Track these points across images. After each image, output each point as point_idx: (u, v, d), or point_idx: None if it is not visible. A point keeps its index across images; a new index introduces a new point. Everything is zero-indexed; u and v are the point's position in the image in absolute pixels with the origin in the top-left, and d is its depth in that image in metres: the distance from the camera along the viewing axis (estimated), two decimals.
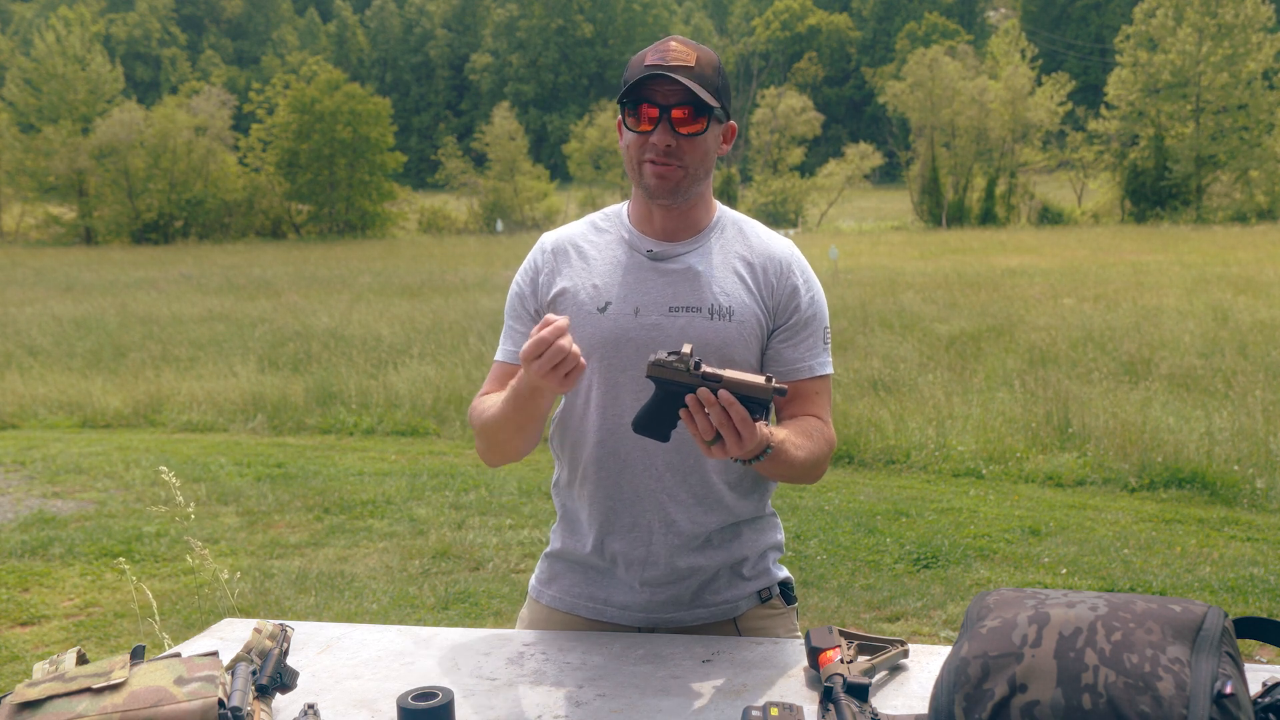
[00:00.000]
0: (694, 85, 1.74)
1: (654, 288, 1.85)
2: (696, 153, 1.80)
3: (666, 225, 1.89)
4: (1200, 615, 1.28)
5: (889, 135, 56.18)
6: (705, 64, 1.77)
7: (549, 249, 1.94)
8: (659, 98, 1.76)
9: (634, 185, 1.87)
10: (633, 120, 1.79)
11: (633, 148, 1.81)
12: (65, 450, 8.08)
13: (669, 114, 1.76)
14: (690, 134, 1.77)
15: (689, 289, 1.85)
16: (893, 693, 1.63)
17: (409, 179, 56.12)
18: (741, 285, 1.86)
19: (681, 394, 1.54)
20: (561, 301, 1.88)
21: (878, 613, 4.61)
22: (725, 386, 1.52)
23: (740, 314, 1.84)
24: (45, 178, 42.17)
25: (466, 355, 10.30)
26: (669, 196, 1.82)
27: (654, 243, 1.89)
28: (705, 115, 1.78)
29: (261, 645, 1.56)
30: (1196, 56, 42.33)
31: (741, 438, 1.54)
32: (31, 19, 68.17)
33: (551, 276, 1.91)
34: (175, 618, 4.68)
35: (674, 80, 1.74)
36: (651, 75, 1.74)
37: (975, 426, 7.49)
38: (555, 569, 2.00)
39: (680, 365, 1.53)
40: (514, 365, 1.91)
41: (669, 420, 1.58)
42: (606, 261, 1.89)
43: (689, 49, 1.77)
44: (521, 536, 5.77)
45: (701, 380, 1.52)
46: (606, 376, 1.84)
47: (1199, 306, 13.20)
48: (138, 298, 18.19)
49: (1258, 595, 4.61)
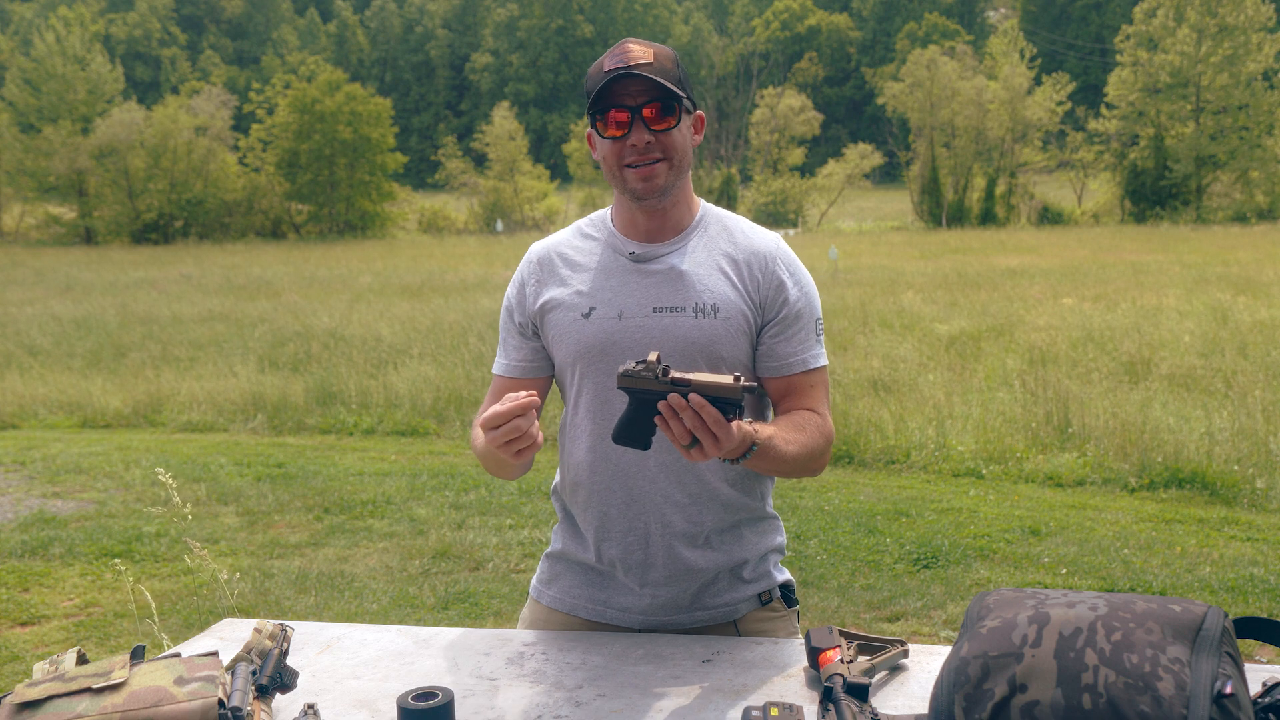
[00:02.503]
0: (659, 79, 1.75)
1: (637, 290, 1.86)
2: (675, 146, 1.80)
3: (650, 227, 1.89)
4: (1200, 615, 1.28)
5: (889, 135, 56.16)
6: (663, 58, 1.78)
7: (534, 260, 1.96)
8: (627, 100, 1.76)
9: (617, 192, 1.87)
10: (604, 127, 1.79)
11: (610, 155, 1.81)
12: (65, 450, 8.08)
13: (640, 113, 1.76)
14: (664, 129, 1.78)
15: (672, 289, 1.85)
16: (893, 693, 1.63)
17: (409, 179, 56.12)
18: (726, 282, 1.86)
19: (654, 401, 1.55)
20: (548, 310, 1.89)
21: (878, 613, 4.61)
22: (695, 390, 1.53)
23: (726, 311, 1.84)
24: (45, 178, 42.19)
25: (466, 355, 10.30)
26: (657, 196, 1.83)
27: (637, 245, 1.89)
28: (675, 108, 1.78)
29: (261, 645, 1.56)
30: (1196, 57, 42.34)
31: (718, 439, 1.54)
32: (31, 19, 68.14)
33: (538, 287, 1.92)
34: (175, 618, 4.68)
35: (638, 79, 1.75)
36: (615, 79, 1.75)
37: (975, 426, 7.49)
38: (556, 569, 2.00)
39: (648, 374, 1.54)
40: (507, 379, 1.96)
41: (646, 429, 1.59)
42: (591, 267, 1.90)
43: (646, 47, 1.78)
44: (521, 536, 5.77)
45: (670, 386, 1.53)
46: (596, 381, 1.85)
47: (1199, 306, 13.19)
48: (138, 298, 18.19)
49: (1258, 595, 4.61)
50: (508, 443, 1.59)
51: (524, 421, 1.58)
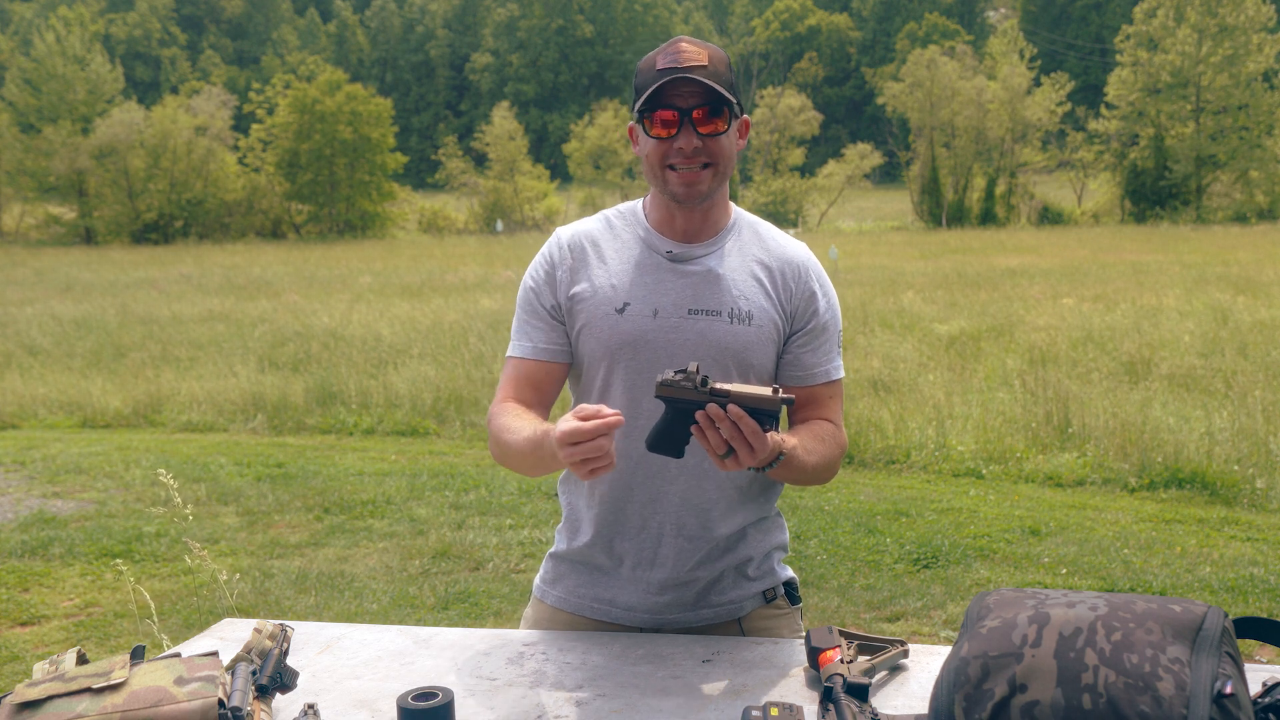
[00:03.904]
0: (712, 84, 1.72)
1: (673, 289, 1.84)
2: (721, 152, 1.78)
3: (688, 227, 1.87)
4: (1200, 615, 1.28)
5: (889, 135, 56.16)
6: (717, 61, 1.76)
7: (565, 244, 1.91)
8: (677, 101, 1.74)
9: (657, 191, 1.85)
10: (651, 125, 1.76)
11: (654, 154, 1.78)
12: (65, 450, 8.08)
13: (689, 116, 1.74)
14: (712, 134, 1.76)
15: (709, 292, 1.83)
16: (893, 693, 1.63)
17: (409, 179, 56.09)
18: (760, 289, 1.85)
19: (691, 411, 1.54)
20: (579, 300, 1.86)
21: (878, 613, 4.61)
22: (734, 401, 1.53)
23: (759, 318, 1.83)
24: (45, 178, 42.15)
25: (466, 355, 10.29)
26: (699, 201, 1.81)
27: (673, 243, 1.87)
28: (725, 112, 1.76)
29: (261, 645, 1.56)
30: (1197, 57, 42.33)
31: (754, 449, 1.55)
32: (31, 19, 68.12)
33: (570, 274, 1.88)
34: (175, 618, 4.68)
35: (690, 81, 1.72)
36: (669, 79, 1.72)
37: (975, 426, 7.49)
38: (560, 569, 1.99)
39: (688, 384, 1.54)
40: (529, 361, 1.88)
41: (682, 437, 1.59)
42: (624, 261, 1.87)
43: (700, 48, 1.76)
44: (521, 536, 5.77)
45: (710, 396, 1.53)
46: (625, 379, 1.83)
47: (1199, 306, 13.19)
48: (138, 298, 18.19)
49: (1258, 595, 4.61)
50: (584, 461, 1.54)
51: (607, 441, 1.53)
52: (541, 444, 1.67)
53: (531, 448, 1.71)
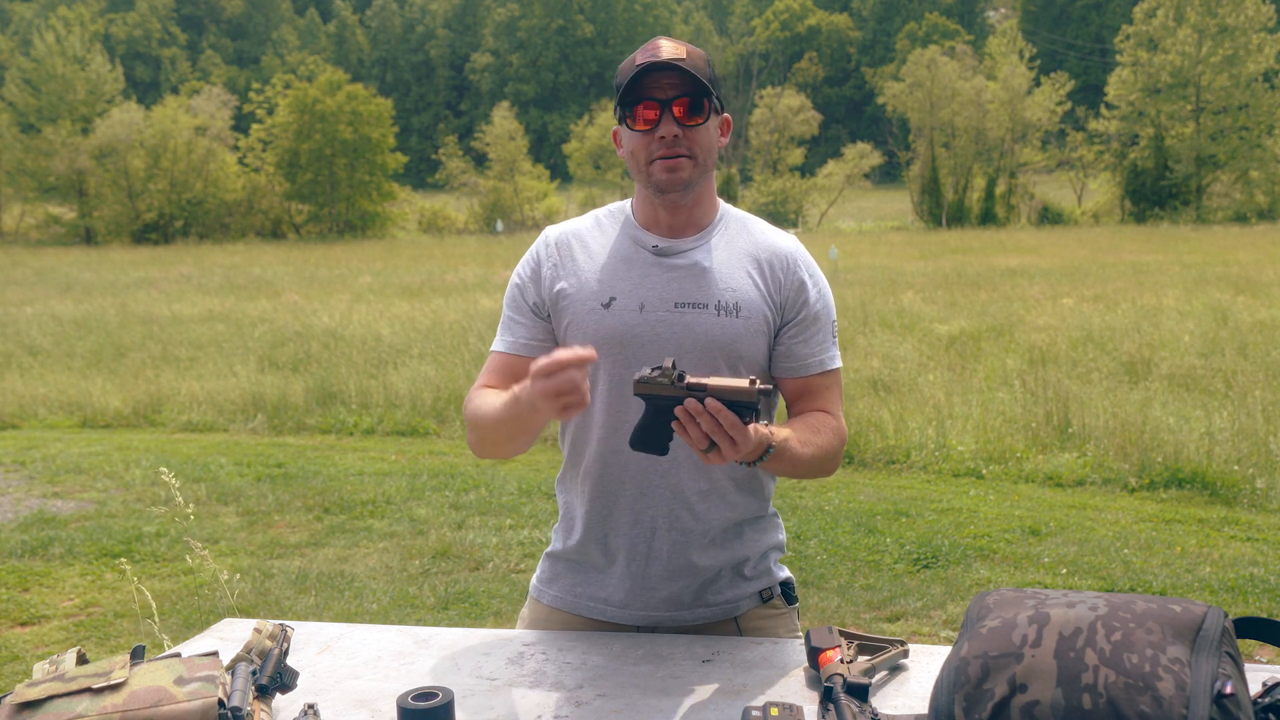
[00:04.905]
0: (691, 73, 1.74)
1: (659, 284, 1.84)
2: (701, 142, 1.79)
3: (674, 222, 1.87)
4: (1200, 615, 1.28)
5: (889, 135, 56.17)
6: (695, 57, 1.78)
7: (552, 242, 1.92)
8: (657, 93, 1.76)
9: (641, 187, 1.86)
10: (633, 121, 1.79)
11: (638, 149, 1.80)
12: (65, 450, 8.08)
13: (669, 107, 1.76)
14: (693, 125, 1.77)
15: (695, 285, 1.84)
16: (893, 693, 1.63)
17: (409, 179, 56.11)
18: (749, 281, 1.86)
19: (670, 407, 1.55)
20: (565, 296, 1.87)
21: (878, 613, 4.61)
22: (711, 394, 1.53)
23: (747, 310, 1.83)
24: (45, 178, 42.20)
25: (466, 355, 10.30)
26: (681, 190, 1.81)
27: (659, 239, 1.87)
28: (704, 104, 1.78)
29: (261, 645, 1.56)
30: (1197, 57, 42.35)
31: (735, 443, 1.54)
32: (31, 19, 68.12)
33: (555, 270, 1.89)
34: (175, 618, 4.68)
35: (669, 73, 1.74)
36: (646, 73, 1.74)
37: (975, 426, 7.49)
38: (556, 569, 1.99)
39: (664, 379, 1.54)
40: (510, 356, 1.90)
41: (664, 434, 1.59)
42: (611, 256, 1.88)
43: (678, 45, 1.78)
44: (521, 536, 5.77)
45: (687, 391, 1.53)
46: (611, 373, 1.83)
47: (1199, 306, 13.20)
48: (138, 298, 18.19)
49: (1258, 595, 4.61)
50: (558, 395, 1.54)
51: (579, 375, 1.54)
52: (518, 399, 1.67)
53: (508, 406, 1.71)
